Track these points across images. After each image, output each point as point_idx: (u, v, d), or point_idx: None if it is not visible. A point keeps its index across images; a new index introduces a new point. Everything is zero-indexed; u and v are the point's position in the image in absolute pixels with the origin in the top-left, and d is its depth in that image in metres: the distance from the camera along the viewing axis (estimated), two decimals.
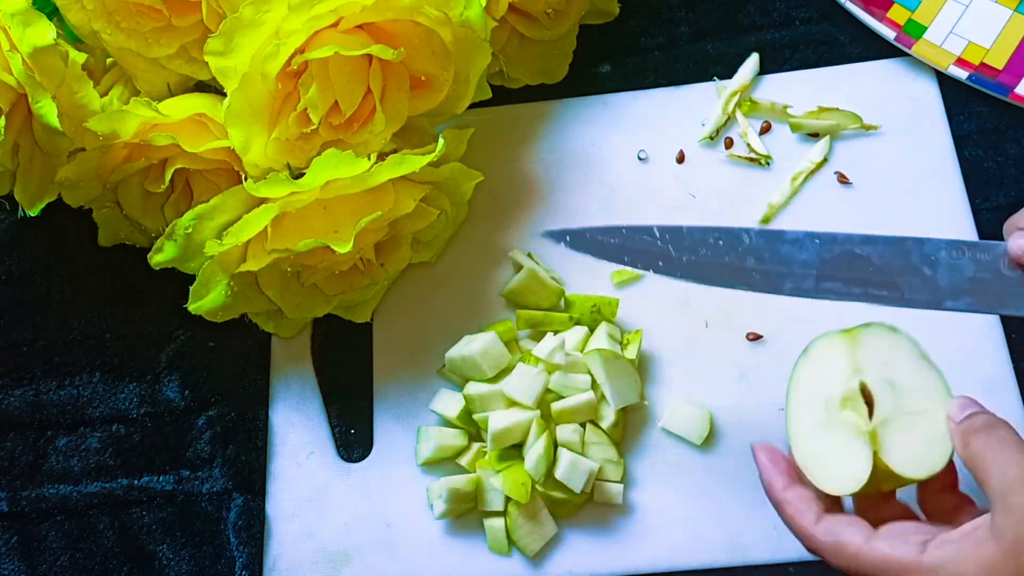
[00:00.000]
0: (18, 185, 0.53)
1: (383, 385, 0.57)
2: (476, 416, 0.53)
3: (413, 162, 0.50)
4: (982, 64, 0.59)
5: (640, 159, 0.60)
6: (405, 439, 0.56)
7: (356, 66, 0.50)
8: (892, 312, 0.43)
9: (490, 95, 0.56)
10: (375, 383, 0.57)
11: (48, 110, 0.48)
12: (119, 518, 0.56)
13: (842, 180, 0.58)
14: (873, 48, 0.61)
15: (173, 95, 0.54)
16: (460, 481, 0.52)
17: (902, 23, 0.60)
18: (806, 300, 0.44)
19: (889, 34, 0.60)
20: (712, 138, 0.60)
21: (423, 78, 0.52)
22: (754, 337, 0.55)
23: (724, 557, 0.51)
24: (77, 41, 0.54)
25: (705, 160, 0.60)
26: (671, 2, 0.64)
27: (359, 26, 0.50)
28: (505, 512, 0.52)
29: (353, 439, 0.57)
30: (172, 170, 0.52)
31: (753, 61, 0.61)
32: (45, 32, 0.48)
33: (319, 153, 0.49)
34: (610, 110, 0.62)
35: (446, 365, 0.55)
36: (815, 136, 0.59)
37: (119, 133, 0.51)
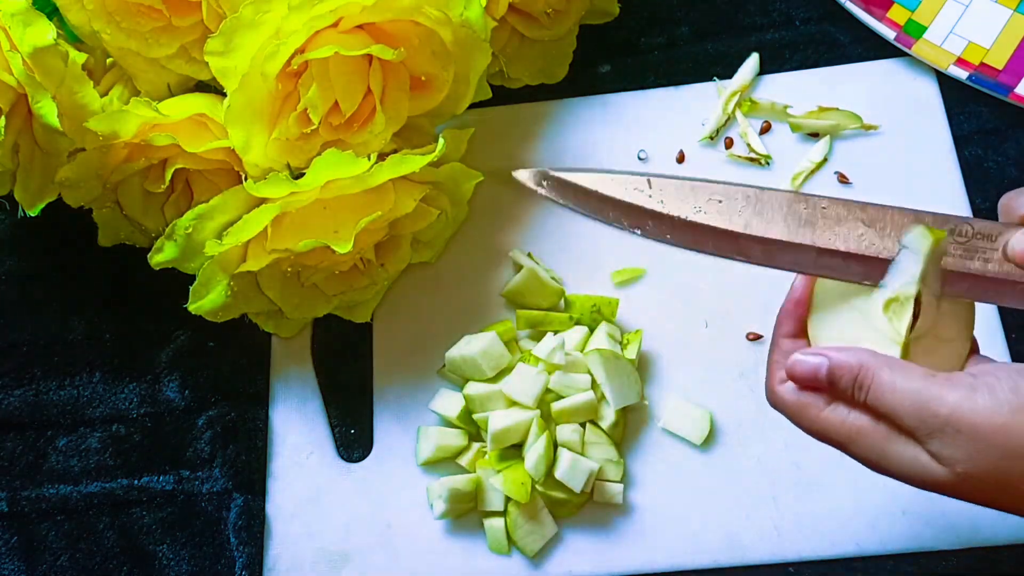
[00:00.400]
0: (18, 185, 0.53)
1: (383, 385, 0.57)
2: (476, 416, 0.53)
3: (413, 162, 0.50)
4: (982, 64, 0.59)
5: (640, 159, 0.60)
6: (405, 439, 0.56)
7: (356, 66, 0.50)
8: None
9: (490, 95, 0.56)
10: (375, 383, 0.57)
11: (48, 110, 0.48)
12: (119, 518, 0.56)
13: (842, 180, 0.58)
14: (873, 48, 0.61)
15: (173, 95, 0.54)
16: (460, 481, 0.52)
17: (902, 23, 0.60)
18: None
19: (889, 34, 0.60)
20: (712, 138, 0.60)
21: (423, 78, 0.52)
22: (754, 337, 0.55)
23: (724, 557, 0.51)
24: (77, 41, 0.54)
25: (705, 160, 0.60)
26: (671, 2, 0.64)
27: (359, 26, 0.50)
28: (505, 512, 0.52)
29: (353, 439, 0.57)
30: (172, 170, 0.52)
31: (753, 61, 0.61)
32: (45, 32, 0.48)
33: (319, 153, 0.49)
34: (610, 110, 0.62)
35: (446, 365, 0.55)
36: (815, 136, 0.59)
37: (119, 133, 0.51)
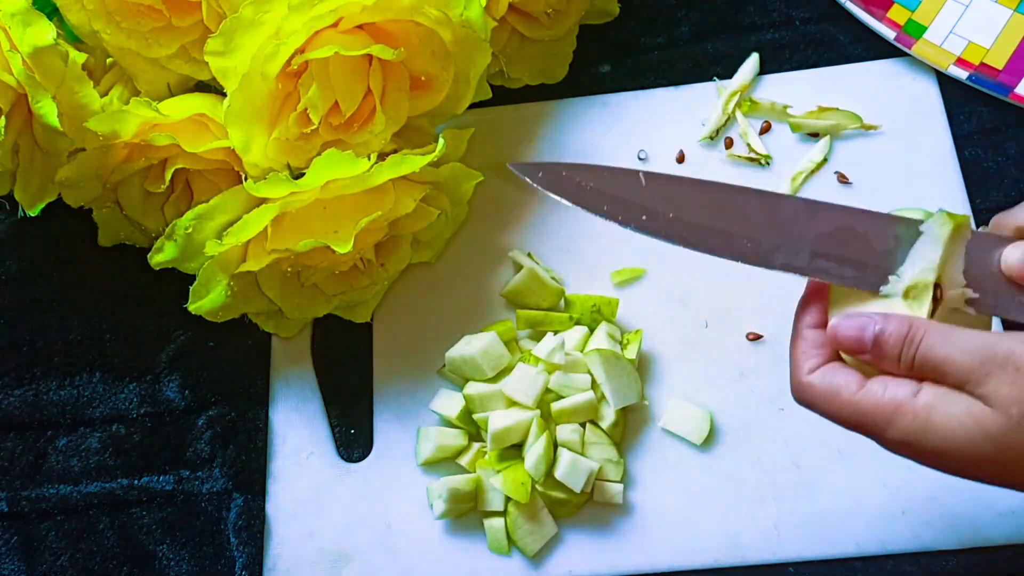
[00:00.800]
0: (18, 185, 0.53)
1: (383, 385, 0.57)
2: (476, 416, 0.53)
3: (413, 162, 0.50)
4: (982, 64, 0.59)
5: (640, 159, 0.60)
6: (405, 439, 0.56)
7: (356, 66, 0.50)
8: None
9: (490, 95, 0.56)
10: (375, 383, 0.57)
11: (48, 110, 0.48)
12: (119, 518, 0.56)
13: (842, 180, 0.58)
14: (873, 48, 0.61)
15: (173, 95, 0.54)
16: (460, 481, 0.52)
17: (902, 23, 0.60)
18: None
19: (889, 34, 0.60)
20: (712, 138, 0.60)
21: (423, 78, 0.52)
22: (754, 337, 0.55)
23: (724, 557, 0.51)
24: (77, 41, 0.54)
25: (705, 160, 0.60)
26: (671, 2, 0.64)
27: (359, 26, 0.50)
28: (505, 512, 0.52)
29: (353, 439, 0.57)
30: (172, 170, 0.52)
31: (753, 61, 0.61)
32: (45, 32, 0.48)
33: (319, 153, 0.49)
34: (610, 110, 0.62)
35: (446, 365, 0.55)
36: (815, 136, 0.59)
37: (119, 133, 0.51)
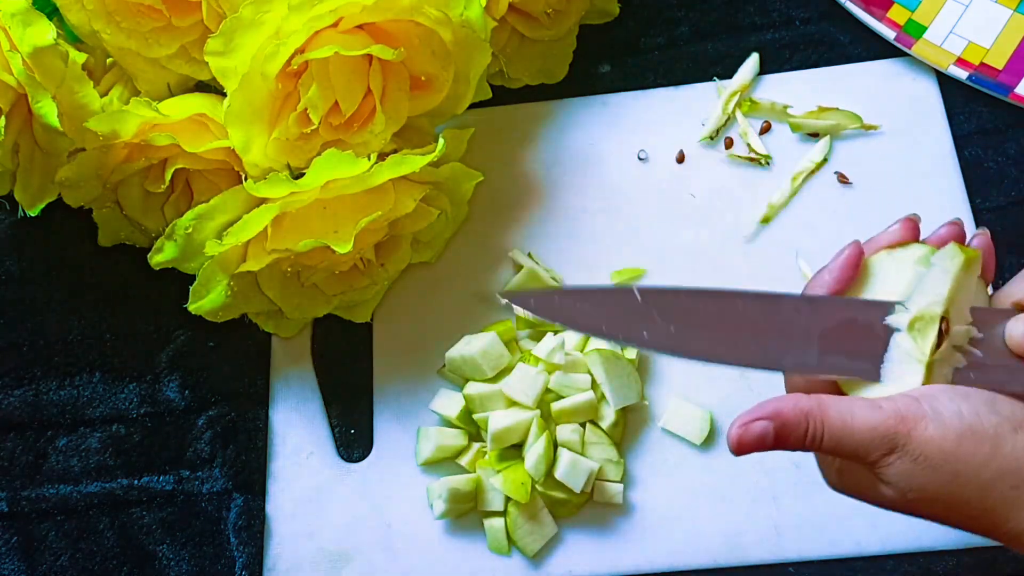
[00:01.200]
0: (18, 185, 0.53)
1: (383, 385, 0.57)
2: (476, 416, 0.53)
3: (413, 162, 0.50)
4: (982, 64, 0.59)
5: (640, 159, 0.60)
6: (405, 439, 0.56)
7: (356, 66, 0.50)
8: None
9: (490, 95, 0.56)
10: (375, 383, 0.57)
11: (48, 110, 0.48)
12: (119, 518, 0.56)
13: (842, 180, 0.58)
14: (873, 48, 0.61)
15: (173, 95, 0.54)
16: (460, 481, 0.52)
17: (902, 23, 0.60)
18: None
19: (889, 34, 0.60)
20: (712, 138, 0.60)
21: (423, 78, 0.52)
22: None
23: (724, 557, 0.51)
24: (77, 41, 0.54)
25: (705, 160, 0.60)
26: (671, 2, 0.64)
27: (359, 26, 0.50)
28: (505, 512, 0.52)
29: (353, 439, 0.57)
30: (172, 170, 0.52)
31: (753, 61, 0.61)
32: (45, 32, 0.48)
33: (319, 153, 0.49)
34: (610, 110, 0.62)
35: (446, 365, 0.55)
36: (815, 136, 0.59)
37: (119, 133, 0.51)
